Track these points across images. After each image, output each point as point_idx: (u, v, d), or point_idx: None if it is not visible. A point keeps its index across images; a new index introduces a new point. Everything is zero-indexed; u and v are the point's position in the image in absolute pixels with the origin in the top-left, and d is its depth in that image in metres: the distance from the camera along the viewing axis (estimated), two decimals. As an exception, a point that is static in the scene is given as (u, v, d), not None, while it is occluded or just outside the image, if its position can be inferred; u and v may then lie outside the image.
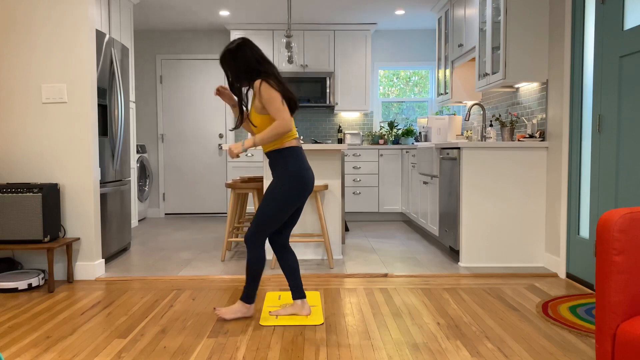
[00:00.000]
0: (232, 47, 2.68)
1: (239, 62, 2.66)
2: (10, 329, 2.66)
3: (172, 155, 7.17)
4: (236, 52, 2.67)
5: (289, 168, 2.65)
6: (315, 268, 3.94)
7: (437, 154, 4.64)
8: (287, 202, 2.65)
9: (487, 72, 4.38)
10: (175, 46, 7.11)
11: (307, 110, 7.10)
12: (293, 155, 2.67)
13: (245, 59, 2.66)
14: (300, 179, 2.66)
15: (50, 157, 3.65)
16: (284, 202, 2.64)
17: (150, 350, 2.37)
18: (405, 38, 7.09)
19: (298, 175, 2.65)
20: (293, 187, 2.65)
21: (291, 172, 2.65)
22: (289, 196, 2.64)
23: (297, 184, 2.65)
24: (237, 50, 2.67)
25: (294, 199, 2.66)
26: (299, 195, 2.67)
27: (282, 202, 2.64)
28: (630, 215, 1.59)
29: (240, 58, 2.66)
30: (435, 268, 3.96)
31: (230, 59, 2.67)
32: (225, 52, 2.69)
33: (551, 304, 3.03)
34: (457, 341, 2.46)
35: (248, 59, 2.65)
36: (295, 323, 2.70)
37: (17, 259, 3.71)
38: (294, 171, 2.65)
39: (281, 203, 2.64)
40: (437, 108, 6.98)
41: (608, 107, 3.18)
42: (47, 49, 3.61)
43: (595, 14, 3.31)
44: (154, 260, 4.27)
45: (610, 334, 1.59)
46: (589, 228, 3.42)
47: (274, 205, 2.64)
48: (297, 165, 2.66)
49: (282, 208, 2.65)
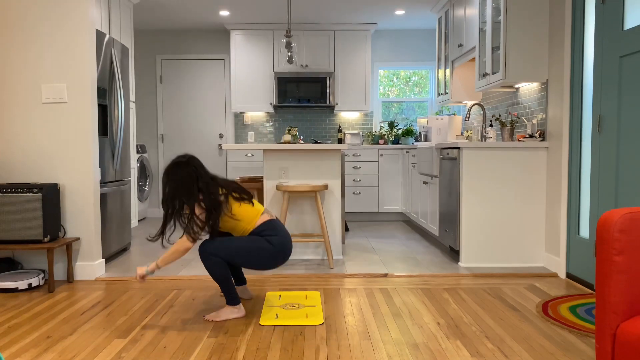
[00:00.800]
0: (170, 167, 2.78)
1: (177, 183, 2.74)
2: (10, 329, 2.66)
3: (172, 155, 7.16)
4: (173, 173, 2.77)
5: (273, 243, 2.78)
6: (315, 268, 3.94)
7: (437, 154, 4.64)
8: (262, 262, 2.79)
9: (487, 72, 4.38)
10: (175, 46, 7.11)
11: (307, 110, 7.10)
12: (270, 229, 2.82)
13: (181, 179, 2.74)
14: (283, 253, 2.82)
15: (50, 157, 3.65)
16: (258, 259, 2.77)
17: (150, 350, 2.37)
18: (405, 38, 7.10)
19: (281, 249, 2.80)
20: (275, 254, 2.79)
21: (275, 246, 2.79)
22: (267, 259, 2.78)
23: (278, 254, 2.80)
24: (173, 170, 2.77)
25: (270, 263, 2.81)
26: (276, 262, 2.82)
27: (257, 258, 2.76)
28: (630, 215, 1.59)
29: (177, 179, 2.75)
30: (435, 268, 3.96)
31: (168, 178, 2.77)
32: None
33: (551, 304, 3.03)
34: (457, 341, 2.46)
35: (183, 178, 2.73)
36: (295, 323, 2.70)
37: (17, 259, 3.71)
38: (277, 245, 2.79)
39: (256, 258, 2.76)
40: (437, 108, 6.98)
41: (608, 107, 3.18)
42: (47, 49, 3.61)
43: (595, 14, 3.31)
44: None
45: (610, 334, 1.59)
46: (589, 228, 3.42)
47: (249, 255, 2.75)
48: (277, 239, 2.80)
49: (253, 260, 2.77)
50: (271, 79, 6.72)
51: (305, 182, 4.18)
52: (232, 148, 4.27)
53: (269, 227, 2.81)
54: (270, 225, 2.82)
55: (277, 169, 4.18)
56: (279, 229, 2.83)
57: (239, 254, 2.73)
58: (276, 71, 6.68)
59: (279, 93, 6.63)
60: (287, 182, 4.17)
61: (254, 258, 2.75)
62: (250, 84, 6.72)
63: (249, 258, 2.75)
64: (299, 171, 4.18)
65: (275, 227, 2.83)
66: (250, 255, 2.74)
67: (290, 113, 7.10)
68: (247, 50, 6.71)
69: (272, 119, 7.10)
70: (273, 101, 6.70)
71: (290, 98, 6.63)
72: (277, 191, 4.18)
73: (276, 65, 6.72)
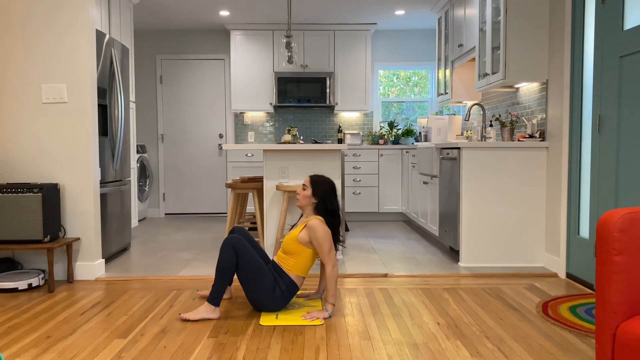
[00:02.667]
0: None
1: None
2: (10, 329, 2.66)
3: (172, 155, 7.17)
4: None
5: (282, 293, 2.84)
6: (315, 268, 3.94)
7: (437, 154, 4.64)
8: (259, 290, 2.81)
9: (487, 72, 4.38)
10: (175, 46, 7.11)
11: (307, 110, 7.10)
12: (291, 287, 2.86)
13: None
14: (283, 303, 2.87)
15: (50, 157, 3.65)
16: (261, 288, 2.80)
17: (150, 350, 2.37)
18: (405, 38, 7.10)
19: (279, 304, 2.86)
20: (275, 299, 2.82)
21: (281, 294, 2.83)
22: (265, 296, 2.81)
23: (276, 301, 2.84)
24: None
25: (265, 300, 2.84)
26: (269, 304, 2.84)
27: (257, 287, 2.79)
28: (630, 215, 1.59)
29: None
30: (435, 268, 3.96)
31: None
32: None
33: (551, 304, 3.03)
34: (457, 341, 2.46)
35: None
36: (295, 323, 2.70)
37: (17, 259, 3.71)
38: (282, 294, 2.83)
39: (256, 287, 2.79)
40: (437, 108, 6.98)
41: (608, 107, 3.18)
42: (47, 49, 3.61)
43: (595, 14, 3.31)
44: (154, 260, 4.27)
45: (610, 334, 1.59)
46: (589, 228, 3.42)
47: (253, 281, 2.78)
48: (285, 296, 2.85)
49: (253, 284, 2.79)
50: (271, 79, 6.72)
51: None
52: (232, 148, 4.27)
53: (296, 286, 2.89)
54: (293, 286, 2.88)
55: (277, 169, 4.18)
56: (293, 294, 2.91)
57: (251, 270, 2.77)
58: (276, 71, 6.68)
59: (279, 93, 6.63)
60: (287, 182, 4.17)
61: (258, 285, 2.79)
62: (250, 84, 6.73)
63: (254, 278, 2.79)
64: (299, 171, 4.18)
65: (297, 289, 2.91)
66: (256, 280, 2.79)
67: (290, 113, 7.10)
68: (247, 50, 6.71)
69: (272, 119, 7.10)
70: (273, 101, 6.70)
71: (290, 98, 6.63)
72: (277, 191, 4.18)
73: (276, 65, 6.72)
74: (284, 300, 2.83)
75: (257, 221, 4.36)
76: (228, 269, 2.73)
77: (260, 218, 4.38)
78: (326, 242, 2.82)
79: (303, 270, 2.87)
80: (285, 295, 2.82)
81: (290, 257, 2.87)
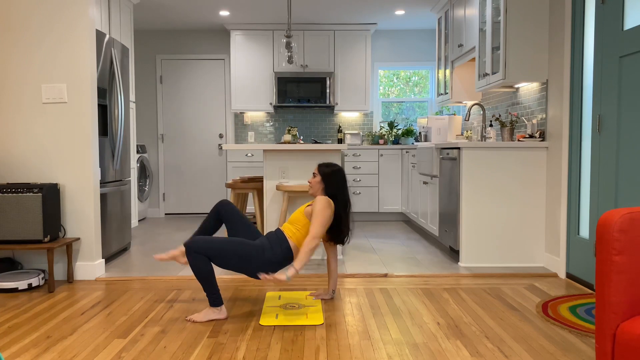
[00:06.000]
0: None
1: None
2: (10, 329, 2.66)
3: (172, 155, 7.17)
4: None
5: (275, 256, 2.83)
6: (315, 268, 3.94)
7: (437, 154, 4.64)
8: (246, 265, 2.79)
9: (487, 72, 4.38)
10: (175, 46, 7.11)
11: (307, 110, 7.10)
12: (286, 252, 2.88)
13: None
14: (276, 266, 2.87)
15: (50, 157, 3.65)
16: (248, 261, 2.78)
17: (150, 350, 2.37)
18: (405, 38, 7.10)
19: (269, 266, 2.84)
20: (265, 262, 2.81)
21: (271, 258, 2.82)
22: (255, 265, 2.80)
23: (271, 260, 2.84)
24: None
25: (252, 269, 2.82)
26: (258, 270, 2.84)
27: (246, 261, 2.77)
28: (630, 215, 1.59)
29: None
30: (435, 268, 3.96)
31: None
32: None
33: (551, 304, 3.03)
34: (457, 341, 2.46)
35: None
36: (295, 323, 2.70)
37: (17, 259, 3.71)
38: (273, 263, 2.83)
39: (244, 261, 2.77)
40: (437, 108, 6.98)
41: (608, 107, 3.18)
42: (47, 49, 3.61)
43: (595, 14, 3.31)
44: (154, 260, 4.27)
45: (610, 334, 1.59)
46: (589, 228, 3.42)
47: (239, 258, 2.76)
48: (275, 259, 2.85)
49: (239, 262, 2.77)
50: (271, 79, 6.72)
51: (305, 182, 4.18)
52: (232, 148, 4.27)
53: (291, 253, 2.91)
54: (289, 256, 2.90)
55: (277, 169, 4.18)
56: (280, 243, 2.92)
57: (231, 257, 2.76)
58: (276, 71, 6.68)
59: (279, 93, 6.63)
60: (287, 182, 4.17)
61: (245, 263, 2.79)
62: (250, 84, 6.73)
63: (240, 262, 2.79)
64: (299, 171, 4.18)
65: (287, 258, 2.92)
66: (239, 262, 2.79)
67: (290, 113, 7.10)
68: (247, 50, 6.71)
69: (272, 119, 7.10)
70: (273, 101, 6.70)
71: (290, 98, 6.63)
72: (277, 191, 4.18)
73: (276, 66, 6.72)
74: (275, 261, 2.84)
75: (257, 221, 4.36)
76: (207, 272, 2.72)
77: (260, 218, 4.38)
78: (320, 216, 2.87)
79: (301, 242, 2.91)
80: (276, 256, 2.83)
81: (293, 226, 2.93)
